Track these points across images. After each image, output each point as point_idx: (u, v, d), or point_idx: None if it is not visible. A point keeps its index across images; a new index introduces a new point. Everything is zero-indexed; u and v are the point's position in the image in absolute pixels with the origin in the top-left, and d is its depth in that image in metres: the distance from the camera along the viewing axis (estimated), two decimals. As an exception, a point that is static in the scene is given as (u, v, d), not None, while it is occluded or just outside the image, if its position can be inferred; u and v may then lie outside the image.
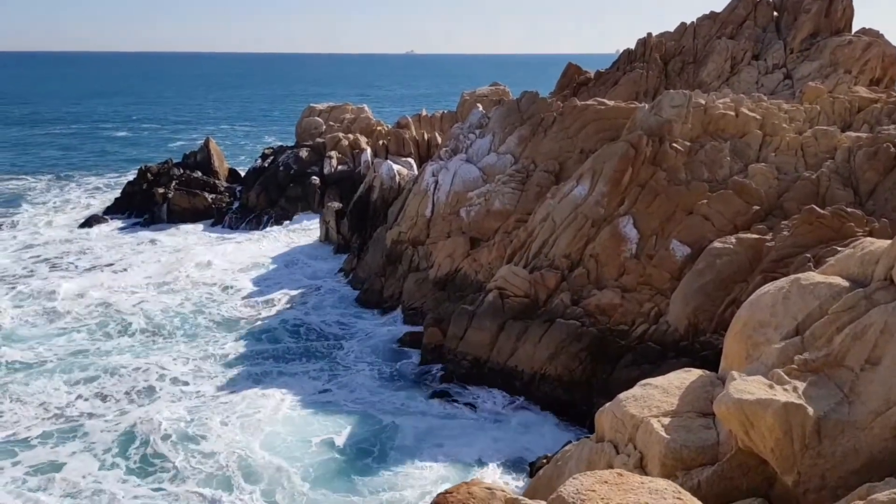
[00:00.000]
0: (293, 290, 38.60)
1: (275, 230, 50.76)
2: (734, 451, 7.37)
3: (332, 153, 55.35)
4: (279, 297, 37.65)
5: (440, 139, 51.47)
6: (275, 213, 52.74)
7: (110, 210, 55.86)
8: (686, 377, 8.92)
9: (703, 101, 31.25)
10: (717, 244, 25.00)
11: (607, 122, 33.56)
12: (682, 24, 55.23)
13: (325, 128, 60.82)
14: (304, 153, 56.31)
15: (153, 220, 53.11)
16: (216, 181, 57.85)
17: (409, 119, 58.68)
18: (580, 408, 25.23)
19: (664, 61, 51.74)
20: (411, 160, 50.23)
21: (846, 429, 6.68)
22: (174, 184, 55.43)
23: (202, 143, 62.47)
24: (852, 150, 27.48)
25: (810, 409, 6.70)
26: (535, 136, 35.58)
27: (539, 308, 27.82)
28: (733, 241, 24.76)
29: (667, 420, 8.10)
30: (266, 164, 58.58)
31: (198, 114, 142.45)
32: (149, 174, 57.20)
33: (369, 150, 54.58)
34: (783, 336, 8.05)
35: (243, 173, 61.76)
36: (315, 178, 53.93)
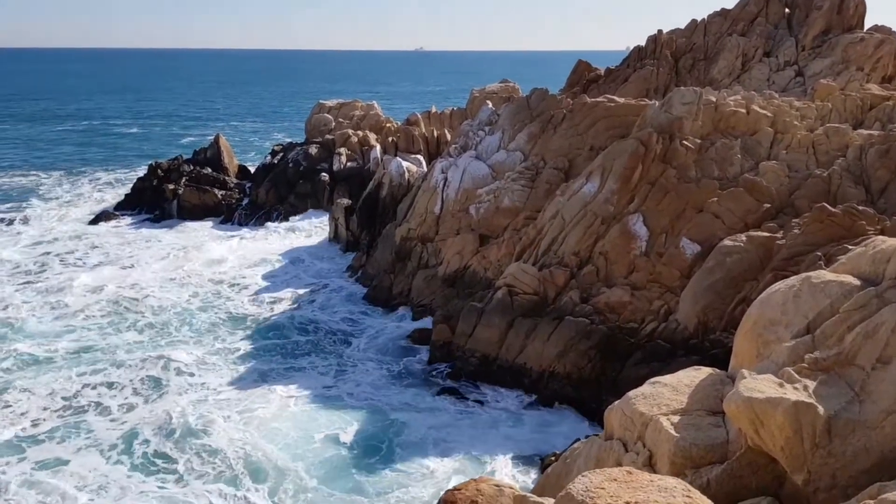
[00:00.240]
0: (301, 287, 38.69)
1: (284, 227, 50.85)
2: (744, 450, 7.33)
3: (342, 150, 55.43)
4: (287, 293, 37.73)
5: (450, 136, 51.46)
6: (284, 210, 52.86)
7: (121, 206, 56.13)
8: (696, 375, 8.87)
9: (713, 99, 31.11)
10: (727, 242, 24.90)
11: (617, 119, 33.45)
12: (693, 20, 55.02)
13: (334, 124, 60.87)
14: (313, 150, 56.38)
15: (163, 216, 53.38)
16: (226, 178, 58.06)
17: (419, 116, 58.68)
18: (589, 405, 25.20)
19: (675, 58, 51.54)
20: (421, 157, 50.24)
21: (857, 428, 6.63)
22: (184, 180, 55.64)
23: (212, 140, 62.66)
24: (864, 148, 27.30)
25: (821, 408, 6.66)
26: (544, 133, 35.51)
27: (548, 305, 27.79)
28: (744, 239, 24.66)
29: (676, 418, 8.06)
30: (276, 161, 58.71)
31: (208, 110, 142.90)
32: (159, 170, 57.43)
33: (379, 147, 54.62)
34: (794, 334, 7.99)
35: (253, 170, 61.94)
36: (324, 175, 54.00)
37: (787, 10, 52.09)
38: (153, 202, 54.67)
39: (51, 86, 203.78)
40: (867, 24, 50.09)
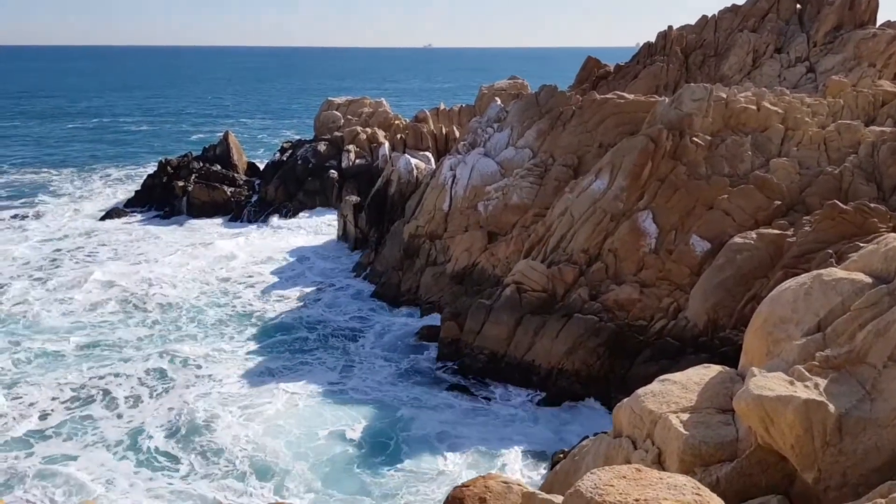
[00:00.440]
0: (309, 285, 38.75)
1: (293, 224, 50.95)
2: (753, 448, 7.29)
3: (350, 147, 55.45)
4: (295, 291, 37.80)
5: (458, 133, 51.38)
6: (293, 207, 52.95)
7: (131, 203, 56.39)
8: (705, 373, 8.83)
9: (724, 95, 30.95)
10: (737, 239, 24.79)
11: (627, 115, 33.34)
12: (704, 16, 54.81)
13: (343, 121, 60.92)
14: (322, 147, 56.44)
15: (173, 212, 53.58)
16: (235, 174, 58.20)
17: (427, 113, 58.59)
18: (601, 402, 25.16)
19: (685, 54, 51.34)
20: (429, 154, 50.20)
21: (868, 426, 6.58)
22: (194, 177, 55.81)
23: (221, 137, 62.85)
24: (876, 145, 27.11)
25: (831, 406, 6.61)
26: (553, 129, 35.42)
27: (557, 303, 27.73)
28: (754, 236, 24.54)
29: (685, 416, 8.03)
30: (284, 158, 58.83)
31: (217, 107, 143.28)
32: (169, 167, 57.65)
33: (387, 144, 54.62)
34: (804, 332, 7.94)
35: (262, 167, 62.07)
36: (333, 172, 54.05)
37: (798, 6, 51.80)
38: (163, 199, 54.91)
39: (55, 84, 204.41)
40: (879, 19, 49.78)
